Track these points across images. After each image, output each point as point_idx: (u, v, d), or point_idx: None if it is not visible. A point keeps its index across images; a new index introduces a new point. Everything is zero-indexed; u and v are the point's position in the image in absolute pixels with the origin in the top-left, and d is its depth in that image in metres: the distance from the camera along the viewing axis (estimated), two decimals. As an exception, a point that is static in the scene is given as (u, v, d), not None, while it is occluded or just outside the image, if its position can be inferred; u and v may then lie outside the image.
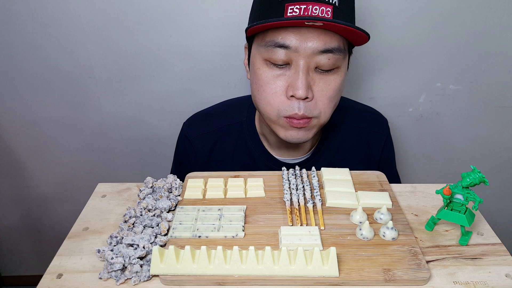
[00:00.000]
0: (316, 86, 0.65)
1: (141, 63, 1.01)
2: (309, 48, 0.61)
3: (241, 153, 0.82)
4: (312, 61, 0.63)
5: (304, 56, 0.62)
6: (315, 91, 0.65)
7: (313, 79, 0.65)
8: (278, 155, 0.81)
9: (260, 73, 0.66)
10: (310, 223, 0.59)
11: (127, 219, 0.59)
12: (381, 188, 0.67)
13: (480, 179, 0.53)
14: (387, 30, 0.97)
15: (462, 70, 1.03)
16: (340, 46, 0.63)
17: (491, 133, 1.14)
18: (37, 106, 1.07)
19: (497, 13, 0.94)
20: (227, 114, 0.84)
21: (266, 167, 0.81)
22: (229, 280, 0.50)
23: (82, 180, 1.20)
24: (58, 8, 0.92)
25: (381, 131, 0.86)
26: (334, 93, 0.66)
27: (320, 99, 0.66)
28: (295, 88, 0.63)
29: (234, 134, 0.82)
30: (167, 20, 0.95)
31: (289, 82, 0.64)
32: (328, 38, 0.62)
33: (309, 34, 0.61)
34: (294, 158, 0.81)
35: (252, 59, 0.69)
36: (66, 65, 1.00)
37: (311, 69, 0.64)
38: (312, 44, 0.61)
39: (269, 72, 0.65)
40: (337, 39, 0.63)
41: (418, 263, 0.51)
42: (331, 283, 0.49)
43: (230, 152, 0.82)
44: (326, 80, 0.65)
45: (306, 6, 0.59)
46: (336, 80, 0.66)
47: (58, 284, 0.50)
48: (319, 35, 0.61)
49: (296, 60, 0.63)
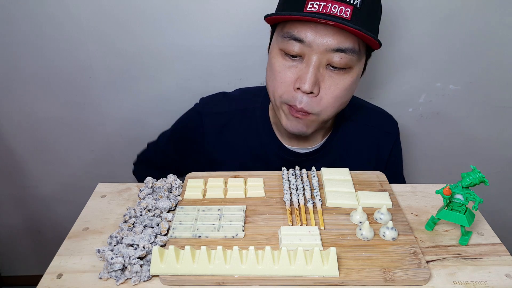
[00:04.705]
0: (325, 83, 0.66)
1: (141, 63, 1.01)
2: (322, 45, 0.63)
3: (251, 138, 0.82)
4: (324, 58, 0.64)
5: (316, 52, 0.63)
6: (322, 87, 0.66)
7: (323, 76, 0.66)
8: (288, 145, 0.82)
9: (274, 61, 0.69)
10: (310, 223, 0.59)
11: (127, 219, 0.59)
12: (381, 188, 0.67)
13: (480, 179, 0.53)
14: (387, 30, 0.97)
15: (462, 70, 1.03)
16: (355, 48, 0.64)
17: (491, 133, 1.14)
18: (37, 106, 1.07)
19: (497, 13, 0.94)
20: (242, 99, 0.85)
21: (275, 155, 0.82)
22: (229, 280, 0.50)
23: (82, 180, 1.20)
24: (58, 8, 0.92)
25: (392, 132, 0.87)
26: (341, 92, 0.67)
27: (326, 96, 0.67)
28: (302, 81, 0.65)
29: (247, 119, 0.83)
30: (167, 20, 0.95)
31: (299, 75, 0.66)
32: (343, 37, 0.62)
33: (324, 32, 0.62)
34: (303, 148, 0.82)
35: (271, 47, 0.71)
36: (66, 65, 1.00)
37: (322, 66, 0.65)
38: (327, 41, 0.62)
39: (283, 62, 0.67)
40: (352, 40, 0.63)
41: (418, 263, 0.51)
42: (331, 283, 0.49)
43: (241, 136, 0.82)
44: (335, 79, 0.66)
45: (326, 3, 0.60)
46: (346, 80, 0.66)
47: (58, 284, 0.50)
48: (334, 33, 0.62)
49: (308, 55, 0.64)
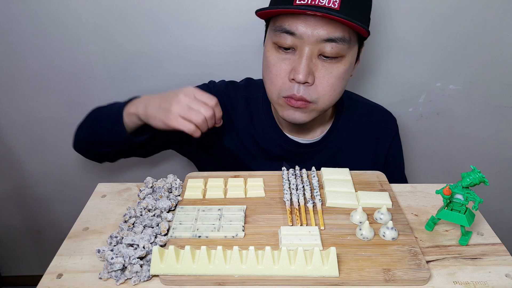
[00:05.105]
0: (319, 72, 0.68)
1: (141, 63, 1.01)
2: (313, 36, 0.64)
3: (254, 127, 0.83)
4: (316, 48, 0.66)
5: (308, 43, 0.65)
6: (317, 77, 0.68)
7: (316, 65, 0.68)
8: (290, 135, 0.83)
9: (268, 55, 0.71)
10: (310, 223, 0.59)
11: (127, 219, 0.59)
12: (381, 188, 0.67)
13: (480, 179, 0.53)
14: (387, 30, 0.97)
15: (462, 70, 1.03)
16: (345, 37, 0.65)
17: (491, 133, 1.14)
18: (37, 106, 1.07)
19: (497, 13, 0.94)
20: (248, 88, 0.86)
21: (277, 146, 0.82)
22: (229, 280, 0.50)
23: (82, 180, 1.20)
24: (59, 8, 0.92)
25: (390, 127, 0.88)
26: (336, 80, 0.69)
27: (321, 85, 0.69)
28: (296, 72, 0.67)
29: (250, 107, 0.84)
30: (167, 20, 0.95)
31: (293, 66, 0.68)
32: (333, 28, 0.64)
33: (314, 23, 0.64)
34: (303, 138, 0.83)
35: (265, 42, 0.73)
36: (66, 65, 1.00)
37: (314, 56, 0.67)
38: (317, 32, 0.64)
39: (276, 55, 0.69)
40: (341, 30, 0.65)
41: (418, 263, 0.51)
42: (331, 283, 0.49)
43: (244, 122, 0.83)
44: (328, 68, 0.68)
45: None
46: (339, 68, 0.68)
47: (58, 284, 0.50)
48: (323, 24, 0.64)
49: (300, 46, 0.66)
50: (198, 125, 0.67)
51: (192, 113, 0.66)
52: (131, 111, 0.72)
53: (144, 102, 0.71)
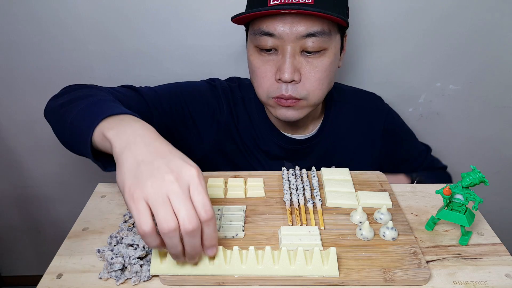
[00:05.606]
0: (304, 68, 0.68)
1: (141, 63, 1.01)
2: (292, 34, 0.65)
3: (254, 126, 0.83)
4: (297, 46, 0.66)
5: (289, 42, 0.66)
6: (303, 73, 0.68)
7: (300, 62, 0.68)
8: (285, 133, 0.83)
9: (252, 59, 0.71)
10: (310, 223, 0.59)
11: (127, 219, 0.59)
12: (381, 188, 0.67)
13: (480, 179, 0.53)
14: (387, 30, 0.97)
15: (462, 70, 1.03)
16: (324, 29, 0.66)
17: (491, 133, 1.14)
18: (38, 106, 1.07)
19: (497, 13, 0.94)
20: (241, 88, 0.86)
21: (274, 144, 0.82)
22: (229, 280, 0.50)
23: (82, 180, 1.20)
24: (59, 8, 0.92)
25: (379, 107, 0.89)
26: (322, 74, 0.69)
27: (308, 80, 0.69)
28: (281, 72, 0.67)
29: (247, 108, 0.84)
30: (167, 20, 0.95)
31: (277, 67, 0.68)
32: (311, 22, 0.64)
33: (291, 21, 0.64)
34: (299, 135, 0.83)
35: (248, 46, 0.74)
36: (66, 65, 1.00)
37: (297, 53, 0.67)
38: (296, 29, 0.64)
39: (260, 57, 0.70)
40: (319, 23, 0.65)
41: (418, 263, 0.51)
42: (331, 283, 0.49)
43: (244, 121, 0.83)
44: (312, 63, 0.68)
45: None
46: (324, 61, 0.68)
47: (58, 284, 0.50)
48: (300, 20, 0.64)
49: (282, 46, 0.67)
50: (164, 240, 0.43)
51: (164, 216, 0.41)
52: (108, 136, 0.48)
53: (127, 139, 0.47)
